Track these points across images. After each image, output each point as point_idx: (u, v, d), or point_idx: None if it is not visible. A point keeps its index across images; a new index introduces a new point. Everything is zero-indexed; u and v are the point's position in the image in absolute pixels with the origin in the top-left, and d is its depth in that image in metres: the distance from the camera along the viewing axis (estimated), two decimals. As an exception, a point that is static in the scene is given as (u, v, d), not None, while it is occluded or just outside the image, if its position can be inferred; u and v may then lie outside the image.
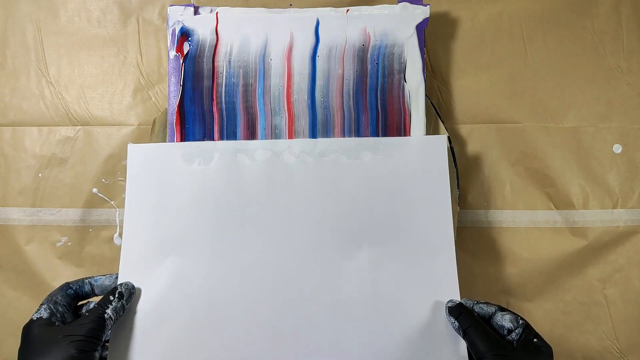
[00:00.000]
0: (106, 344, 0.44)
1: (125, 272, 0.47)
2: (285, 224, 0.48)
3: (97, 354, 0.40)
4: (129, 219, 0.49)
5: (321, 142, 0.51)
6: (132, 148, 0.50)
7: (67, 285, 0.44)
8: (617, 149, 0.54)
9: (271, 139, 0.52)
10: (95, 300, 0.45)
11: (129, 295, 0.45)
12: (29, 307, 0.55)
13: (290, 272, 0.47)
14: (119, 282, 0.46)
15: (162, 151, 0.50)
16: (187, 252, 0.48)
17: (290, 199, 0.49)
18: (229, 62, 0.52)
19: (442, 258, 0.48)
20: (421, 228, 0.48)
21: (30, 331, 0.40)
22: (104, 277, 0.46)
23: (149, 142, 0.54)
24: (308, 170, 0.50)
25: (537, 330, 0.41)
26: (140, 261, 0.48)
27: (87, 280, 0.45)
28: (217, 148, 0.50)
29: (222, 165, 0.50)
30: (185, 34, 0.52)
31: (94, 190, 0.55)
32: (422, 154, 0.50)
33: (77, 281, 0.45)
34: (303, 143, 0.51)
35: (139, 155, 0.50)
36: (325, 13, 0.53)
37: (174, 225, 0.48)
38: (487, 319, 0.43)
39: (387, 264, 0.48)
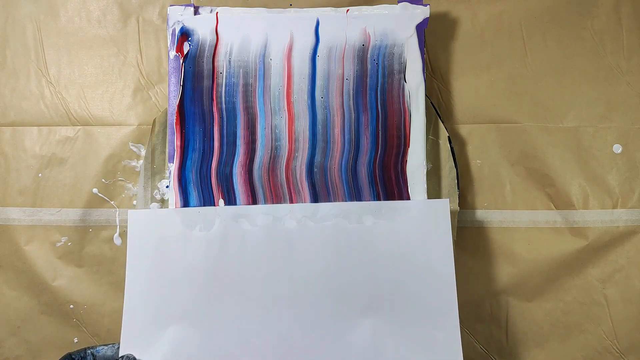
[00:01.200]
0: None
1: (126, 342, 0.47)
2: (286, 292, 0.48)
3: None
4: (130, 286, 0.48)
5: (322, 206, 0.50)
6: (132, 214, 0.50)
7: (69, 356, 0.44)
8: (617, 149, 0.54)
9: (271, 138, 0.52)
10: None
11: None
12: (29, 307, 0.55)
13: (292, 341, 0.47)
14: (120, 354, 0.46)
15: (162, 217, 0.50)
16: (189, 320, 0.48)
17: (292, 266, 0.49)
18: (229, 62, 0.52)
19: (446, 326, 0.47)
20: (424, 295, 0.48)
21: None
22: (106, 347, 0.46)
23: (148, 142, 0.54)
24: (310, 235, 0.49)
25: (537, 330, 0.41)
26: (142, 330, 0.47)
27: (89, 351, 0.45)
28: (218, 213, 0.50)
29: (223, 231, 0.49)
30: (185, 34, 0.53)
31: (94, 190, 0.55)
32: (424, 218, 0.49)
33: (78, 351, 0.45)
34: (304, 208, 0.50)
35: (139, 222, 0.49)
36: (325, 13, 0.53)
37: (176, 293, 0.48)
38: None
39: (390, 332, 0.47)
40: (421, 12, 0.52)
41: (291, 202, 0.52)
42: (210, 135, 0.52)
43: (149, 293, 0.48)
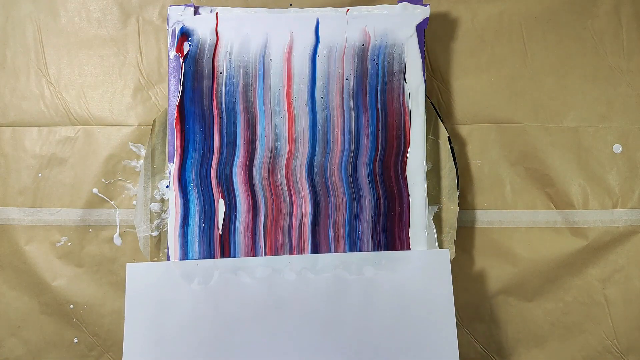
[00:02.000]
0: None
1: None
2: (287, 345, 0.48)
3: None
4: (128, 340, 0.48)
5: (322, 257, 0.50)
6: (130, 267, 0.49)
7: None
8: (617, 149, 0.54)
9: (271, 138, 0.52)
10: None
11: None
12: (29, 307, 0.55)
13: None
14: None
15: (161, 270, 0.49)
16: None
17: (292, 319, 0.48)
18: (229, 62, 0.52)
19: None
20: (426, 347, 0.47)
21: None
22: None
23: (148, 142, 0.54)
24: (309, 287, 0.49)
25: (537, 330, 0.41)
26: None
27: None
28: (217, 266, 0.50)
29: (222, 284, 0.49)
30: (185, 34, 0.53)
31: (94, 190, 0.55)
32: (425, 269, 0.49)
33: None
34: (304, 259, 0.50)
35: (137, 275, 0.49)
36: (325, 13, 0.53)
37: (175, 347, 0.48)
38: None
39: None
40: (421, 12, 0.52)
41: (291, 202, 0.52)
42: (210, 135, 0.52)
43: (148, 346, 0.48)
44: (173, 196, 0.51)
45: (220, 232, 0.51)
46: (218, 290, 0.49)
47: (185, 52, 0.52)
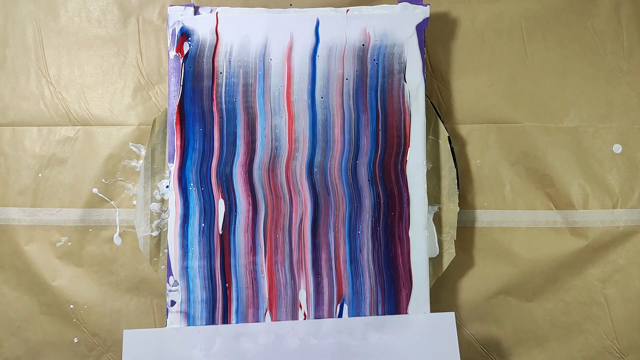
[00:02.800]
0: None
1: None
2: None
3: None
4: None
5: (326, 322, 0.49)
6: (127, 334, 0.47)
7: None
8: (617, 149, 0.54)
9: (271, 138, 0.52)
10: None
11: None
12: (29, 307, 0.55)
13: None
14: None
15: (161, 337, 0.47)
16: None
17: None
18: (229, 62, 0.52)
19: None
20: None
21: None
22: None
23: (148, 142, 0.54)
24: (313, 354, 0.48)
25: (537, 330, 0.41)
26: None
27: None
28: (219, 332, 0.48)
29: (225, 352, 0.48)
30: (185, 34, 0.53)
31: (94, 190, 0.55)
32: (430, 333, 0.48)
33: None
34: (307, 325, 0.49)
35: (135, 342, 0.47)
36: (325, 13, 0.53)
37: None
38: None
39: None
40: (421, 12, 0.52)
41: (291, 202, 0.52)
42: (210, 135, 0.52)
43: None
44: (173, 196, 0.51)
45: (220, 232, 0.51)
46: (220, 358, 0.48)
47: (185, 52, 0.52)
